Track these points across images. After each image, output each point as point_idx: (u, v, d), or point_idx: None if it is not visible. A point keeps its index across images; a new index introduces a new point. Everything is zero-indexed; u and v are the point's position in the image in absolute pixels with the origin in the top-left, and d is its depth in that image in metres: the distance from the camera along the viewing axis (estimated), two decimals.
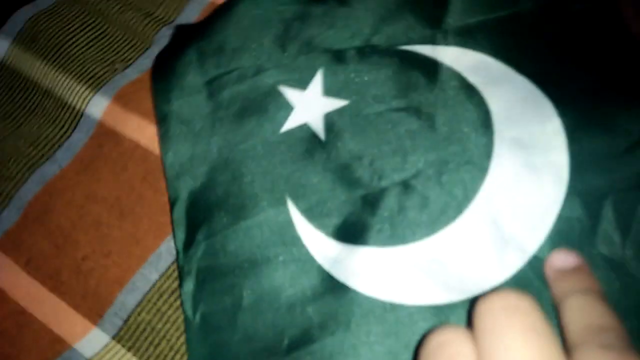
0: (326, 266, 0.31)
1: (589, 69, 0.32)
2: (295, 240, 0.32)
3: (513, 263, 0.29)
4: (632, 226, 0.28)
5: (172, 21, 0.42)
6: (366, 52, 0.35)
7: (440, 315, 0.29)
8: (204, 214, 0.33)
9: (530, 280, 0.28)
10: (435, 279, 0.29)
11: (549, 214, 0.29)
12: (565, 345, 0.23)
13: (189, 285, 0.32)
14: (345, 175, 0.32)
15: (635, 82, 0.31)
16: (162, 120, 0.36)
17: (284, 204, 0.33)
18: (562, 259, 0.27)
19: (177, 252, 0.33)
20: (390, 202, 0.31)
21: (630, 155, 0.29)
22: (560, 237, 0.29)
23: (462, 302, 0.29)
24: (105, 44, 0.42)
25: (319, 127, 0.34)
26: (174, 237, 0.34)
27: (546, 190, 0.29)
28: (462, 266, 0.29)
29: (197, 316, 0.32)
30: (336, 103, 0.34)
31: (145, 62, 0.40)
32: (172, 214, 0.34)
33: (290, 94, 0.35)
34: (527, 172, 0.30)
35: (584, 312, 0.24)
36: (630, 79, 0.31)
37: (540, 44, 0.33)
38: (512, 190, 0.30)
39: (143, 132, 0.38)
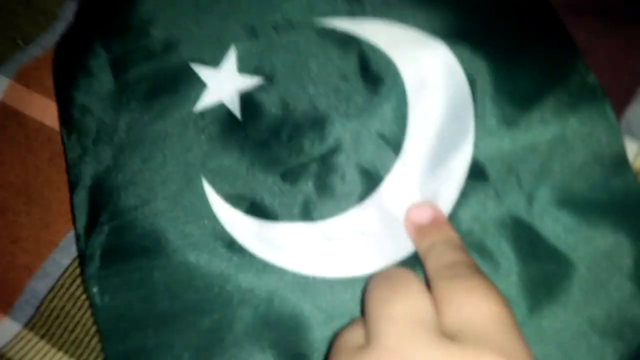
0: (245, 243, 0.31)
1: (498, 30, 0.33)
2: (212, 219, 0.32)
3: None
4: (539, 186, 0.30)
5: None
6: (281, 26, 0.34)
7: (363, 286, 0.29)
8: (108, 197, 0.32)
9: None
10: (357, 251, 0.30)
11: (458, 178, 0.31)
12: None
13: (93, 269, 0.31)
14: (263, 153, 0.32)
15: (540, 43, 0.32)
16: (63, 103, 0.35)
17: (200, 185, 0.32)
18: (420, 213, 0.30)
19: (78, 238, 0.32)
20: (309, 178, 0.32)
21: (532, 118, 0.31)
22: (468, 198, 0.30)
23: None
24: (5, 19, 0.40)
25: (235, 106, 0.33)
26: (74, 222, 0.32)
27: (455, 156, 0.31)
28: (383, 236, 0.31)
29: (106, 300, 0.31)
30: (252, 81, 0.34)
31: (50, 38, 0.38)
32: (71, 199, 0.33)
33: (202, 71, 0.34)
34: (438, 141, 0.31)
35: (440, 256, 0.27)
36: (536, 40, 0.32)
37: (451, 8, 0.33)
38: (424, 160, 0.31)
39: (48, 112, 0.36)
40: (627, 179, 0.30)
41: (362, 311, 0.28)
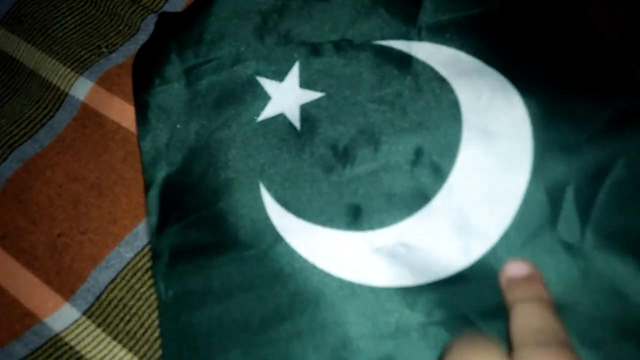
0: (296, 247, 0.32)
1: (554, 61, 0.33)
2: (266, 223, 0.33)
3: (477, 249, 0.30)
4: (592, 213, 0.29)
5: (159, 9, 0.43)
6: (342, 46, 0.36)
7: (406, 297, 0.30)
8: (177, 198, 0.34)
9: (493, 266, 0.29)
10: (402, 263, 0.31)
11: (513, 201, 0.30)
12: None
13: (161, 266, 0.33)
14: (318, 162, 0.34)
15: (597, 75, 0.32)
16: (140, 107, 0.37)
17: (257, 189, 0.33)
18: (515, 268, 0.28)
19: (151, 235, 0.34)
20: (361, 189, 0.32)
21: (591, 144, 0.30)
22: (522, 223, 0.30)
23: (428, 285, 0.30)
24: (92, 28, 0.43)
25: (295, 117, 0.35)
26: (148, 220, 0.34)
27: (510, 177, 0.31)
28: (428, 252, 0.31)
29: (170, 295, 0.32)
30: (312, 95, 0.35)
31: (131, 47, 0.41)
32: (146, 198, 0.34)
33: (267, 84, 0.36)
34: (493, 161, 0.31)
35: (528, 317, 0.25)
36: (592, 71, 0.32)
37: (508, 39, 0.34)
38: (478, 179, 0.31)
39: (126, 115, 0.39)
40: None
41: None
